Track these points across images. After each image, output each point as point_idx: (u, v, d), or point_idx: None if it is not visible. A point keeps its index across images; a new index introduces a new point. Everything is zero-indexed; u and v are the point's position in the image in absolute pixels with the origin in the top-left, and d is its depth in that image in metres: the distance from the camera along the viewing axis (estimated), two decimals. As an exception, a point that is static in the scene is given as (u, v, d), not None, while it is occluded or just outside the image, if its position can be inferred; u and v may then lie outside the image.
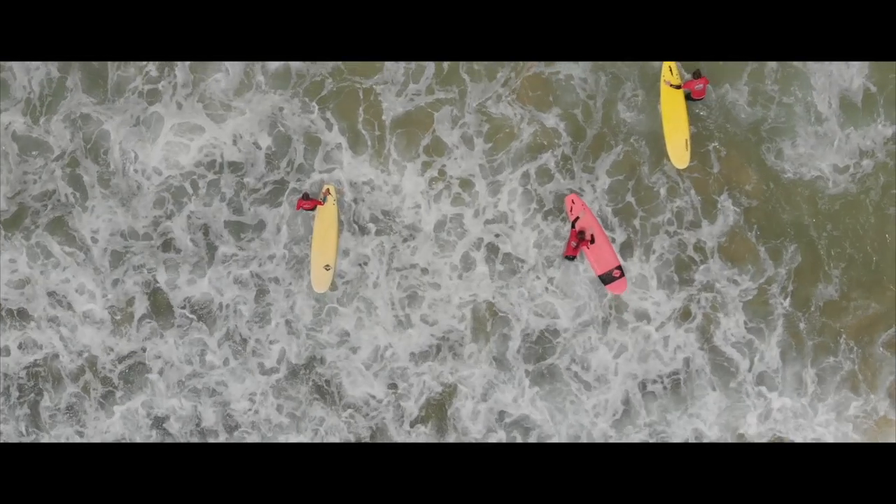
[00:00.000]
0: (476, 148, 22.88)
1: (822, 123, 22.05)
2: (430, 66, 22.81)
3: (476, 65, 22.71)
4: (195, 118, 23.33)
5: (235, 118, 23.27)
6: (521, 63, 22.64)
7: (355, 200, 23.17)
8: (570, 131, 22.64)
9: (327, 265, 23.04)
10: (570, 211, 22.44)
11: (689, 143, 22.17)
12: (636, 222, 22.64)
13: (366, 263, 23.33)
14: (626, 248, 22.62)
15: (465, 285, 23.20)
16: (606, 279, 22.45)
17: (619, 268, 22.36)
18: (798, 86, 22.08)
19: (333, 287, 23.34)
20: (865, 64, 21.92)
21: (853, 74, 21.96)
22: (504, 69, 22.69)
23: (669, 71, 22.15)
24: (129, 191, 23.54)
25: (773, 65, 22.05)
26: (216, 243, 23.59)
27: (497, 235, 23.06)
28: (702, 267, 22.59)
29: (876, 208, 22.08)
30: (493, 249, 23.08)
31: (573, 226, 22.36)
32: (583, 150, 22.61)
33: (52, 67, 23.39)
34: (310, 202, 22.70)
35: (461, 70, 22.77)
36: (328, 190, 22.96)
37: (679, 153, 22.26)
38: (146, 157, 23.42)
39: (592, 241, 22.24)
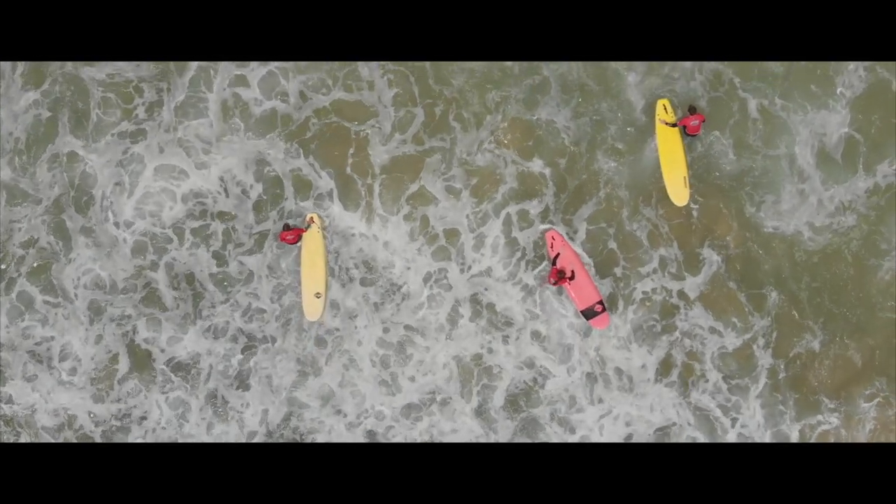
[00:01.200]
0: (462, 200, 22.88)
1: (805, 181, 22.21)
2: (419, 114, 22.84)
3: (465, 112, 22.78)
4: (179, 162, 23.11)
5: (219, 163, 23.11)
6: (508, 111, 22.75)
7: (339, 250, 23.05)
8: (554, 178, 22.68)
9: (318, 293, 22.75)
10: (551, 247, 22.39)
11: (687, 180, 22.12)
12: (618, 270, 22.60)
13: (356, 316, 23.08)
14: (611, 302, 22.57)
15: (451, 341, 23.04)
16: (588, 314, 22.35)
17: (601, 302, 22.27)
18: (783, 140, 22.24)
19: (323, 345, 23.08)
20: (847, 111, 22.14)
21: (836, 128, 22.15)
22: (493, 114, 22.79)
23: (664, 109, 22.16)
24: (110, 241, 23.25)
25: (755, 114, 22.26)
26: (202, 294, 23.28)
27: (486, 289, 22.96)
28: (684, 316, 22.53)
29: (855, 258, 22.16)
30: (477, 302, 22.95)
31: (554, 263, 22.28)
32: (565, 198, 22.66)
33: (43, 109, 23.11)
34: (293, 232, 22.50)
35: (450, 118, 22.84)
36: (312, 218, 22.80)
37: (678, 191, 22.14)
38: (121, 207, 23.13)
39: (573, 277, 22.16)
